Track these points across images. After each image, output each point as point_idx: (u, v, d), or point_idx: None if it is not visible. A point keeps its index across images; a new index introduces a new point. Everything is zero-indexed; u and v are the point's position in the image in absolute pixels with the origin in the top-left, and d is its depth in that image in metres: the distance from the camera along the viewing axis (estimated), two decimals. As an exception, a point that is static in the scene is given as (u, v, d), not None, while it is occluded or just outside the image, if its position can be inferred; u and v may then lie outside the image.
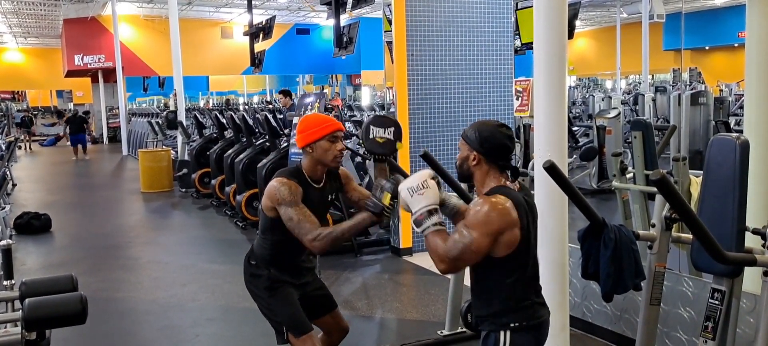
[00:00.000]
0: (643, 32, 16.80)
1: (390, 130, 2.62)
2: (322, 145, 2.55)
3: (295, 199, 2.47)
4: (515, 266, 2.02)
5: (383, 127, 2.61)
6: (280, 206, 2.48)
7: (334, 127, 2.58)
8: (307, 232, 2.43)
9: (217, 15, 20.87)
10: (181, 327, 4.40)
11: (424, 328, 4.16)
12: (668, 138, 6.31)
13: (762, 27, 3.78)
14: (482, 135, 2.04)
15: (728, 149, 2.49)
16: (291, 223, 2.46)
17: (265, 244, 2.65)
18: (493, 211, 1.94)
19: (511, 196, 2.00)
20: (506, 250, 1.98)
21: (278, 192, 2.49)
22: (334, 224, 6.81)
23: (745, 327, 2.91)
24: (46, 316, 1.79)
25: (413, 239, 5.94)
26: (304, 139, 2.58)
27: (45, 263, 6.32)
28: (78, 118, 17.90)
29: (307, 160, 2.60)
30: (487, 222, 1.93)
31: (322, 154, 2.56)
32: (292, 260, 2.69)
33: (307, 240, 2.44)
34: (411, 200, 2.02)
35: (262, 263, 2.67)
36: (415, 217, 2.01)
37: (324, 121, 2.59)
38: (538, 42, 3.10)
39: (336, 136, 2.57)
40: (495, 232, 1.94)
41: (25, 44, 25.31)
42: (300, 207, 2.47)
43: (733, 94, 14.97)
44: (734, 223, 2.44)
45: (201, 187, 9.64)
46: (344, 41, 8.94)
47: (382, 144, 2.60)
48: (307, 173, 2.60)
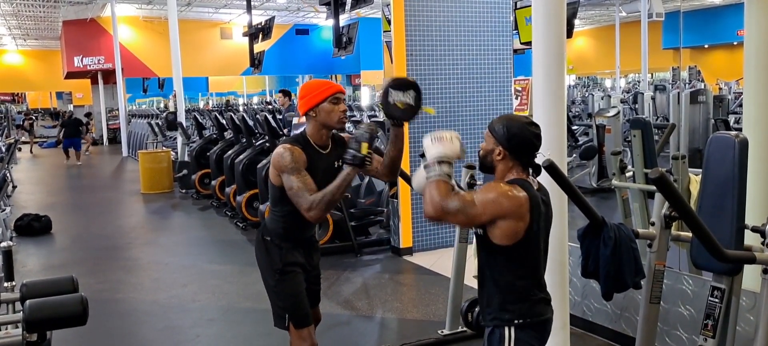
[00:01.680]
0: (642, 31, 16.82)
1: (410, 94, 2.41)
2: (325, 107, 2.53)
3: (297, 165, 2.46)
4: (520, 260, 2.03)
5: (403, 90, 2.40)
6: (283, 173, 2.46)
7: (336, 89, 2.56)
8: (304, 201, 2.42)
9: (216, 16, 20.87)
10: (182, 328, 4.41)
11: (424, 327, 4.16)
12: (667, 136, 6.33)
13: (760, 25, 3.79)
14: (510, 130, 2.03)
15: (727, 147, 2.49)
16: (291, 192, 2.45)
17: (277, 217, 2.63)
18: (505, 195, 1.96)
19: (530, 192, 2.00)
20: (505, 239, 1.98)
21: (281, 158, 2.47)
22: (333, 222, 6.80)
23: (745, 325, 2.91)
24: (46, 317, 1.79)
25: (414, 239, 5.94)
26: (306, 104, 2.56)
27: (45, 264, 6.32)
28: (74, 120, 16.86)
29: (311, 125, 2.58)
30: (494, 201, 1.95)
31: (325, 117, 2.54)
32: (303, 234, 2.67)
33: (304, 210, 2.43)
34: (429, 145, 2.03)
35: (276, 238, 2.64)
36: (427, 160, 2.02)
37: (324, 84, 2.58)
38: (537, 41, 3.10)
39: (338, 98, 2.55)
40: (497, 214, 1.95)
41: (25, 46, 25.31)
42: (301, 174, 2.45)
43: (733, 93, 14.98)
44: (733, 221, 2.44)
45: (201, 188, 9.64)
46: (343, 41, 8.95)
47: (403, 109, 2.41)
48: (313, 139, 2.58)
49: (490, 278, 2.09)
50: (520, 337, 2.04)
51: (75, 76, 21.54)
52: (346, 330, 4.30)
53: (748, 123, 3.88)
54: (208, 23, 21.41)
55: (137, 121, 18.63)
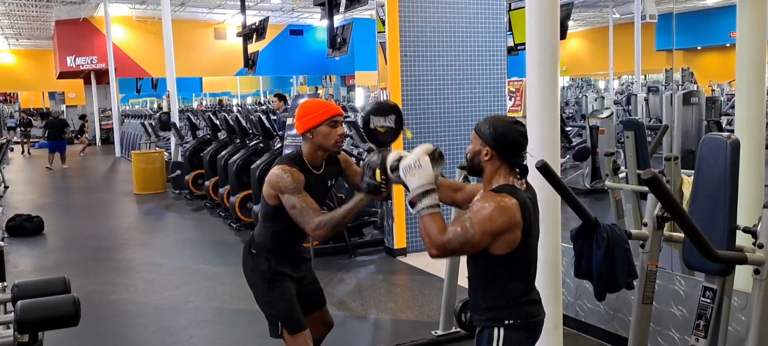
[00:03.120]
0: (635, 32, 16.89)
1: (391, 119, 2.46)
2: (323, 130, 2.53)
3: (298, 186, 2.46)
4: (513, 264, 2.03)
5: (384, 116, 2.46)
6: (283, 193, 2.47)
7: (334, 112, 2.55)
8: (310, 220, 2.42)
9: (210, 16, 20.82)
10: (175, 329, 4.39)
11: (418, 328, 4.17)
12: (660, 138, 6.35)
13: (752, 27, 3.81)
14: (497, 130, 2.03)
15: (719, 148, 2.51)
16: (294, 211, 2.45)
17: (266, 232, 2.64)
18: (498, 211, 1.94)
19: (518, 196, 1.99)
20: (505, 249, 1.99)
21: (281, 180, 2.47)
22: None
23: (737, 325, 2.92)
24: (38, 318, 1.78)
25: (407, 240, 5.94)
26: (303, 124, 2.55)
27: (37, 265, 6.28)
28: (59, 121, 15.49)
29: (308, 146, 2.58)
30: (490, 220, 1.93)
31: (322, 139, 2.54)
32: (293, 248, 2.68)
33: (309, 229, 2.43)
34: (406, 180, 2.02)
35: (263, 252, 2.64)
36: (410, 198, 2.02)
37: (323, 106, 2.57)
38: (531, 42, 3.11)
39: (336, 121, 2.55)
40: (496, 231, 1.94)
41: (17, 46, 25.18)
42: (303, 195, 2.45)
43: (725, 94, 15.07)
44: (725, 222, 2.46)
45: (194, 188, 9.61)
46: (338, 42, 8.94)
47: (384, 133, 2.46)
48: (307, 159, 2.58)
49: (481, 279, 2.09)
50: (511, 337, 2.04)
51: (68, 76, 21.45)
52: (340, 331, 4.28)
53: (740, 124, 3.91)
54: (201, 23, 21.36)
55: (130, 122, 18.56)
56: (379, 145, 2.42)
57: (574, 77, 28.24)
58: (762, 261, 2.31)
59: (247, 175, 7.26)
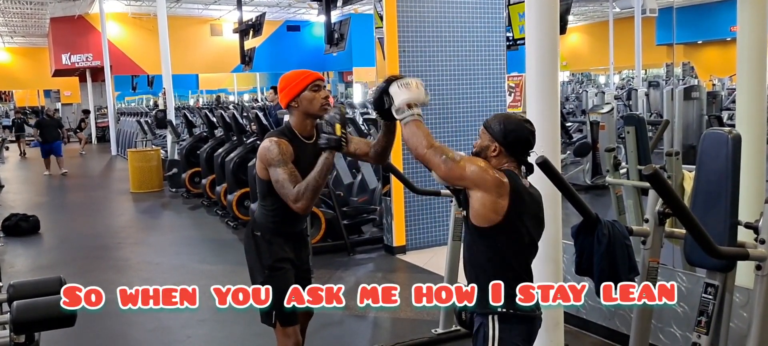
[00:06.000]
0: (635, 27, 16.85)
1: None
2: (306, 96, 2.54)
3: (284, 158, 2.46)
4: (503, 249, 2.05)
5: (406, 88, 2.37)
6: (270, 166, 2.47)
7: (314, 76, 2.57)
8: (289, 192, 2.41)
9: (206, 12, 20.74)
10: (172, 328, 4.36)
11: (418, 326, 4.15)
12: (661, 133, 6.34)
13: (753, 21, 3.79)
14: (507, 128, 2.07)
15: (720, 144, 2.49)
16: (278, 185, 2.45)
17: (266, 211, 2.62)
18: (488, 170, 2.02)
19: (516, 183, 2.03)
20: (486, 220, 2.01)
21: (268, 151, 2.48)
22: (325, 221, 6.74)
23: (739, 321, 2.91)
24: (34, 319, 1.77)
25: (407, 237, 5.92)
26: (286, 95, 2.56)
27: (34, 265, 6.25)
28: (53, 120, 14.23)
29: (295, 116, 2.58)
30: (479, 170, 2.01)
31: (307, 105, 2.54)
32: (295, 228, 2.66)
33: (291, 202, 2.43)
34: (396, 91, 2.15)
35: (266, 233, 2.62)
36: (396, 106, 2.14)
37: (303, 74, 2.58)
38: (530, 37, 3.09)
39: (318, 85, 2.56)
40: (478, 182, 2.00)
41: (12, 43, 25.04)
42: (288, 167, 2.45)
43: (726, 89, 15.07)
44: (727, 217, 2.44)
45: (191, 186, 9.57)
46: (335, 38, 8.91)
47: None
48: (298, 130, 2.58)
49: (476, 265, 2.10)
50: (505, 330, 2.04)
51: (63, 73, 21.36)
52: (338, 329, 4.27)
53: (741, 119, 3.89)
54: (197, 20, 21.28)
55: (126, 120, 18.48)
56: (384, 118, 2.40)
57: (574, 72, 28.24)
58: (764, 257, 2.29)
59: (244, 172, 7.22)
